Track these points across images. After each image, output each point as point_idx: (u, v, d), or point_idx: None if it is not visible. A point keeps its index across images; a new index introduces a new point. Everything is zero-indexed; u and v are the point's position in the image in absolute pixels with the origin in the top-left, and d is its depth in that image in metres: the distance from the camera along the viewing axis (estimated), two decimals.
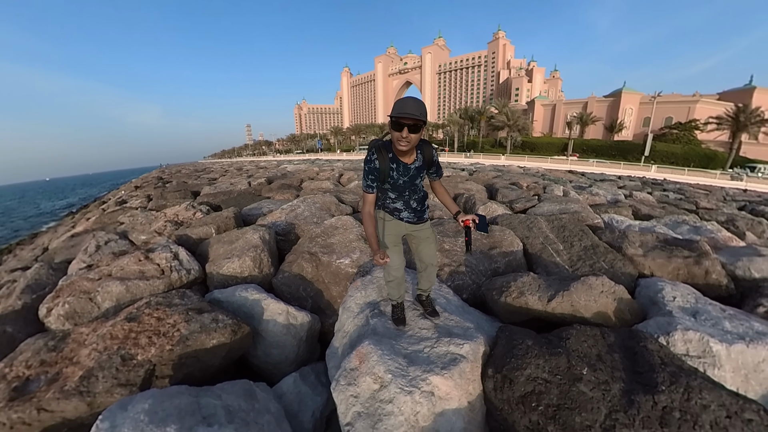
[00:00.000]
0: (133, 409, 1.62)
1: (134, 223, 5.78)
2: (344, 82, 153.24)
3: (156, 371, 2.02)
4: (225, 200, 6.86)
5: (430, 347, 1.70)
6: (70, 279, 3.00)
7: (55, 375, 1.97)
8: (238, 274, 3.11)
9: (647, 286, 2.39)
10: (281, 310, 2.51)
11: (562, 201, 5.78)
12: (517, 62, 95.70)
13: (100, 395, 1.85)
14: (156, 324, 2.18)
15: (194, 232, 4.28)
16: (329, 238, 3.50)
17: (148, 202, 8.24)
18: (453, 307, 2.16)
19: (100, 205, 13.20)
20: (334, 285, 3.00)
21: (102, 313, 2.79)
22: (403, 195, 1.74)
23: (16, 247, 14.88)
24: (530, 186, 8.73)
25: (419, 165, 1.70)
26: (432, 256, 1.90)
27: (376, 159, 1.61)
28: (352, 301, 2.27)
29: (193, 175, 20.23)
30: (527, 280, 2.20)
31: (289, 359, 2.55)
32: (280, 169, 18.96)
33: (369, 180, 1.65)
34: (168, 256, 3.22)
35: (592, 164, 29.15)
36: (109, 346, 2.04)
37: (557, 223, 3.95)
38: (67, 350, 2.14)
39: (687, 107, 48.50)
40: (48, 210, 40.59)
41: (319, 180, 9.62)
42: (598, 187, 9.69)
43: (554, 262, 3.17)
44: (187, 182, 13.67)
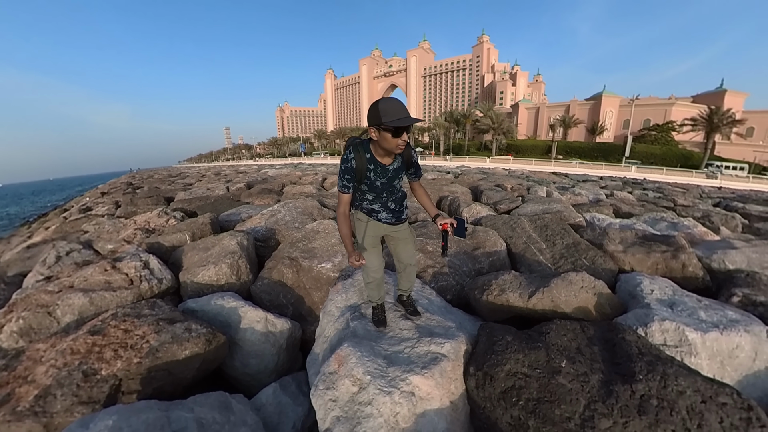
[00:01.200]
0: (95, 428, 1.50)
1: (100, 231, 5.43)
2: (328, 84, 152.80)
3: (122, 386, 1.88)
4: (201, 206, 6.60)
5: (410, 347, 1.69)
6: (26, 292, 2.77)
7: (6, 396, 1.79)
8: (214, 282, 2.97)
9: (627, 280, 2.49)
10: (259, 317, 2.42)
11: (546, 201, 5.98)
12: (502, 66, 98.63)
13: (58, 415, 1.70)
14: (123, 336, 2.04)
15: (167, 239, 4.07)
16: (310, 243, 3.43)
17: (116, 209, 7.78)
18: (435, 307, 2.17)
19: (62, 213, 12.34)
20: (316, 290, 2.93)
21: (62, 328, 2.57)
22: (380, 196, 1.72)
23: None
24: (514, 187, 8.96)
25: (398, 166, 1.68)
26: (410, 256, 1.89)
27: (353, 158, 1.57)
28: (333, 305, 2.22)
29: (166, 180, 19.35)
30: (508, 278, 2.24)
31: (268, 369, 2.46)
32: (261, 173, 18.52)
33: (345, 180, 1.61)
34: (137, 265, 3.04)
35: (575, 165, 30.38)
36: (70, 361, 1.89)
37: (540, 222, 4.07)
38: (20, 368, 1.96)
39: (664, 110, 51.13)
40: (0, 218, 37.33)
41: (302, 184, 9.46)
42: (580, 188, 10.05)
43: (537, 261, 3.26)
44: (159, 188, 13.05)
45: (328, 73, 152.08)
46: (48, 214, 21.70)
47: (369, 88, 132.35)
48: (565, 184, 12.41)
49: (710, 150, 36.32)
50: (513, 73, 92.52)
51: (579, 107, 58.89)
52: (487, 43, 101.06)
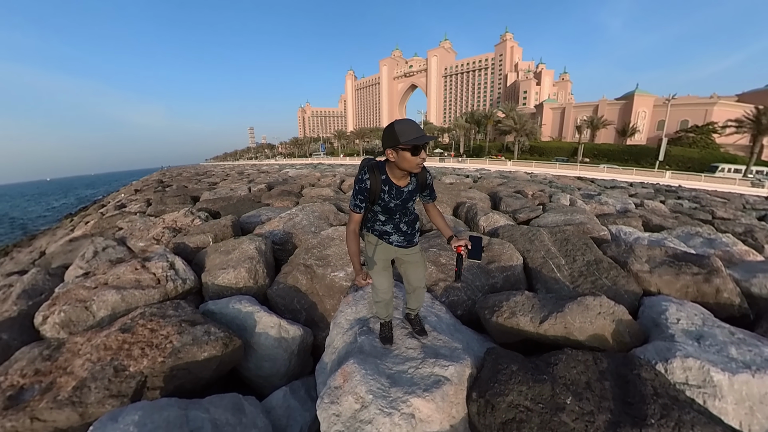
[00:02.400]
0: (123, 421, 1.64)
1: (132, 229, 5.80)
2: (348, 86, 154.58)
3: (147, 383, 2.03)
4: (224, 206, 6.90)
5: (414, 368, 1.70)
6: (67, 287, 3.01)
7: (49, 384, 1.98)
8: (233, 285, 3.12)
9: (651, 305, 2.33)
10: (273, 323, 2.52)
11: (568, 211, 5.72)
12: (525, 65, 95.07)
13: (92, 406, 1.86)
14: (149, 335, 2.20)
15: (191, 240, 4.30)
16: (325, 250, 3.52)
17: (147, 207, 8.28)
18: (444, 325, 2.17)
19: (100, 209, 13.27)
20: (328, 298, 3.01)
21: (97, 322, 2.79)
22: (393, 218, 1.72)
23: (13, 249, 14.90)
24: (535, 194, 8.61)
25: (412, 188, 1.68)
26: (420, 279, 1.90)
27: (367, 179, 1.58)
28: (343, 317, 2.28)
29: (193, 178, 20.33)
30: (520, 299, 2.18)
31: (280, 372, 2.55)
32: (282, 173, 19.05)
33: (358, 200, 1.63)
34: (164, 266, 3.24)
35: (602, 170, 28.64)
36: (103, 356, 2.05)
37: (561, 235, 3.93)
38: (61, 360, 2.15)
39: (704, 110, 47.56)
40: (47, 211, 40.73)
41: (320, 186, 9.65)
42: (607, 195, 9.45)
43: (554, 278, 3.14)
44: (187, 186, 13.74)
45: (349, 74, 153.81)
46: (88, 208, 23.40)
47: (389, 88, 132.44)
48: (591, 190, 11.77)
49: (757, 154, 33.26)
50: (537, 71, 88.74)
51: (608, 107, 55.91)
52: (510, 41, 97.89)
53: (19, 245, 15.93)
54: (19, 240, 19.64)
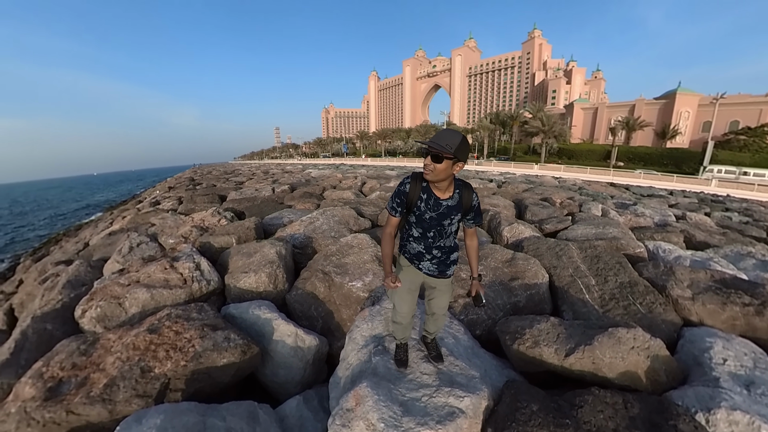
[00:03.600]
0: (146, 423, 1.71)
1: (164, 226, 6.13)
2: (372, 86, 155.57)
3: (170, 385, 2.11)
4: (249, 207, 7.14)
5: (428, 396, 1.64)
6: (104, 282, 3.22)
7: (84, 379, 2.12)
8: (253, 288, 3.20)
9: (692, 339, 2.13)
10: (290, 332, 2.55)
11: (600, 223, 5.35)
12: (555, 62, 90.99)
13: (119, 404, 1.96)
14: (174, 338, 2.29)
15: (217, 240, 4.48)
16: (344, 257, 3.53)
17: (178, 205, 8.75)
18: (461, 348, 2.09)
19: (137, 204, 14.19)
20: (345, 308, 3.01)
21: (128, 318, 2.97)
22: (427, 235, 1.63)
23: (63, 238, 16.30)
24: (564, 203, 8.14)
25: (453, 204, 1.59)
26: (443, 307, 1.83)
27: (408, 183, 1.58)
28: (359, 332, 2.26)
29: (222, 177, 21.28)
30: (545, 327, 2.05)
31: (295, 380, 2.58)
32: (305, 174, 19.49)
33: (395, 202, 1.62)
34: (191, 266, 3.39)
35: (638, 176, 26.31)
36: (131, 356, 2.17)
37: (591, 252, 3.71)
38: (95, 356, 2.29)
39: (758, 109, 43.07)
40: (93, 203, 44.69)
41: (341, 189, 9.76)
42: (644, 205, 8.68)
43: (582, 300, 2.94)
44: (215, 185, 14.39)
45: (372, 75, 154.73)
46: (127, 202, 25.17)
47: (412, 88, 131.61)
48: (626, 199, 10.93)
49: None
50: (568, 69, 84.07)
51: (646, 107, 51.73)
52: (539, 38, 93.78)
53: (68, 234, 17.41)
54: (68, 229, 21.50)
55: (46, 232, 24.37)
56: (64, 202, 54.52)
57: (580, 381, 1.77)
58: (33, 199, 72.13)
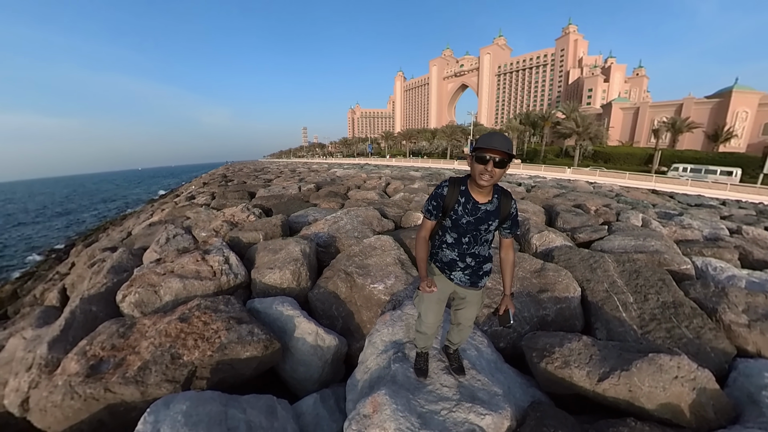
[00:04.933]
0: (173, 408, 1.79)
1: (197, 219, 6.49)
2: (398, 87, 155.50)
3: (197, 373, 2.21)
4: (276, 204, 7.37)
5: (448, 410, 1.58)
6: (142, 271, 3.44)
7: (121, 360, 2.27)
8: (278, 285, 3.28)
9: (748, 373, 1.91)
10: (311, 330, 2.58)
11: (640, 234, 4.95)
12: (591, 59, 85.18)
13: (151, 386, 2.08)
14: (202, 328, 2.40)
15: (245, 236, 4.65)
16: (366, 259, 3.53)
17: (211, 200, 9.23)
18: (484, 362, 2.00)
19: (174, 198, 15.13)
20: (366, 309, 3.01)
21: (162, 305, 3.15)
22: (461, 241, 1.58)
23: (109, 226, 17.76)
24: (599, 210, 7.60)
25: (491, 210, 1.54)
26: (470, 319, 1.76)
27: (446, 186, 1.56)
28: (378, 337, 2.24)
29: (252, 174, 22.19)
30: (576, 346, 1.90)
31: (313, 378, 2.61)
32: (330, 173, 19.85)
33: (431, 205, 1.59)
34: (220, 260, 3.54)
35: (685, 183, 23.71)
36: (163, 342, 2.29)
37: (630, 266, 3.45)
38: (132, 339, 2.45)
39: None
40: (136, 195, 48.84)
41: (366, 189, 9.83)
42: (691, 216, 7.86)
43: (619, 319, 2.73)
44: (246, 182, 15.03)
45: (398, 75, 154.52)
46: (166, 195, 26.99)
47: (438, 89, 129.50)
48: (670, 209, 9.87)
49: None
50: (606, 66, 78.12)
51: (696, 107, 46.91)
52: (574, 33, 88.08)
53: (114, 223, 18.98)
54: (114, 218, 23.45)
55: (97, 220, 26.87)
56: (113, 193, 60.29)
57: (614, 409, 1.62)
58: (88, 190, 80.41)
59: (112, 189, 76.11)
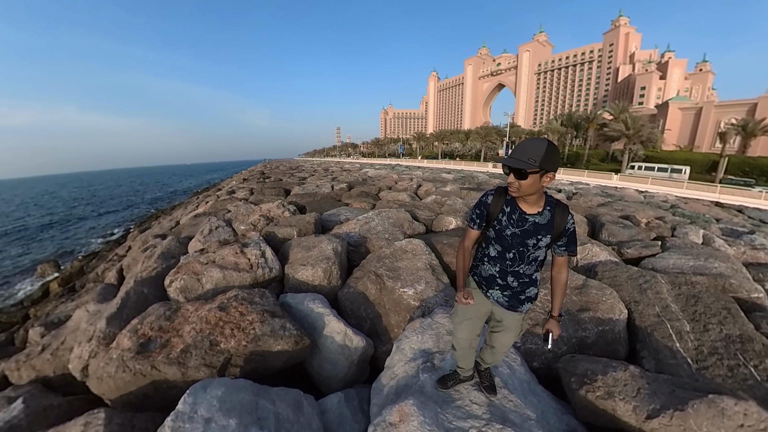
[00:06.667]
0: (210, 392, 1.89)
1: (237, 213, 6.87)
2: (431, 87, 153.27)
3: (232, 360, 2.32)
4: (309, 202, 7.60)
5: (476, 429, 1.50)
6: (188, 259, 3.70)
7: (166, 342, 2.44)
8: (309, 281, 3.37)
9: None
10: (340, 329, 2.60)
11: (700, 254, 4.40)
12: (645, 54, 75.49)
13: (191, 369, 2.22)
14: (239, 318, 2.52)
15: (280, 231, 4.84)
16: (397, 262, 3.51)
17: (250, 195, 9.74)
18: (516, 381, 1.88)
19: (216, 191, 16.20)
20: (394, 313, 2.98)
21: (204, 292, 3.36)
22: (505, 256, 1.45)
23: (161, 215, 19.46)
24: (651, 223, 6.89)
25: (542, 223, 1.39)
26: (505, 345, 1.64)
27: (491, 195, 1.48)
28: (407, 344, 2.20)
29: (287, 172, 23.15)
30: (622, 376, 1.71)
31: (338, 377, 2.64)
32: (362, 173, 20.13)
33: (475, 213, 1.52)
34: (257, 254, 3.71)
35: (759, 195, 20.12)
36: (203, 329, 2.44)
37: (687, 289, 3.09)
38: (176, 322, 2.63)
39: None
40: (186, 187, 53.56)
41: (397, 191, 9.82)
42: (765, 235, 6.94)
43: (671, 349, 2.44)
44: (282, 179, 15.71)
45: (432, 75, 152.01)
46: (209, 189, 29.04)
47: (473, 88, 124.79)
48: (737, 225, 8.56)
49: None
50: (662, 62, 68.67)
51: None
52: (625, 26, 78.71)
53: (165, 212, 20.78)
54: (166, 208, 25.68)
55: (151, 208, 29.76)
56: (167, 185, 66.69)
57: None
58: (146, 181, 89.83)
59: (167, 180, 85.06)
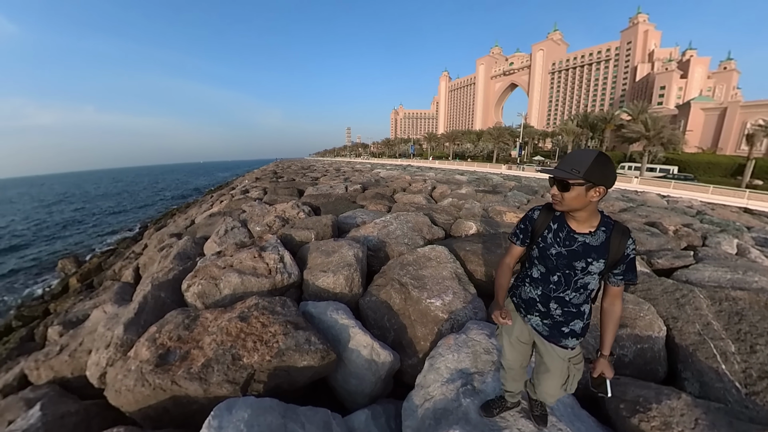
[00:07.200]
0: (236, 414, 1.75)
1: (252, 213, 6.80)
2: (442, 87, 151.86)
3: (255, 376, 2.18)
4: (324, 203, 7.48)
5: None
6: (205, 263, 3.61)
7: (186, 353, 2.32)
8: (330, 289, 3.22)
9: None
10: (367, 343, 2.44)
11: (738, 266, 4.04)
12: (665, 52, 72.30)
13: (213, 385, 2.09)
14: (261, 329, 2.38)
15: (297, 234, 4.71)
16: (421, 270, 3.33)
17: (264, 195, 9.70)
18: (561, 406, 1.69)
19: (230, 190, 16.31)
20: (420, 325, 2.80)
21: (222, 297, 3.25)
22: (549, 279, 1.31)
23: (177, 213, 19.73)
24: (680, 231, 6.48)
25: (593, 244, 1.22)
26: (549, 392, 1.45)
27: (539, 210, 1.38)
28: (443, 362, 2.02)
29: (299, 172, 23.19)
30: (677, 405, 1.51)
31: (364, 392, 2.48)
32: (374, 173, 19.97)
33: (518, 228, 1.43)
34: (275, 258, 3.58)
35: None
36: (225, 341, 2.31)
37: (729, 306, 2.83)
38: (195, 332, 2.51)
39: None
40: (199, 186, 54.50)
41: (411, 192, 9.63)
42: None
43: (716, 371, 2.23)
44: (294, 179, 15.69)
45: (443, 75, 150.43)
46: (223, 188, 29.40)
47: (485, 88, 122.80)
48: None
49: None
50: (683, 60, 65.65)
51: None
52: (644, 23, 75.28)
53: (180, 210, 21.09)
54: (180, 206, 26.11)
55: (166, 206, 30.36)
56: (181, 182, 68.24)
57: None
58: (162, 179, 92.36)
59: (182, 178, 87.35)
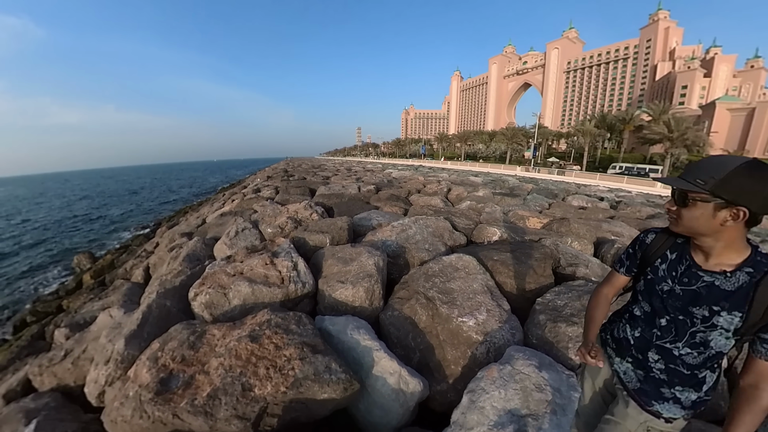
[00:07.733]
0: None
1: (264, 214, 6.56)
2: (454, 87, 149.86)
3: (268, 410, 1.89)
4: (337, 204, 7.20)
5: None
6: (214, 269, 3.35)
7: (190, 378, 2.05)
8: (349, 302, 2.92)
9: None
10: (394, 370, 2.13)
11: None
12: (687, 50, 68.92)
13: (220, 421, 1.80)
14: (274, 353, 2.09)
15: (311, 238, 4.43)
16: (449, 282, 2.99)
17: (275, 194, 9.49)
18: None
19: (242, 189, 16.24)
20: (451, 347, 2.47)
21: (231, 308, 2.99)
22: (654, 321, 1.02)
23: (189, 210, 19.86)
24: None
25: (726, 288, 0.88)
26: None
27: (654, 233, 1.11)
28: (487, 400, 1.69)
29: (310, 171, 23.04)
30: None
31: (390, 425, 2.17)
32: (385, 174, 19.64)
33: (625, 254, 1.21)
34: (289, 265, 3.30)
35: None
36: (234, 366, 2.02)
37: None
38: (201, 352, 2.24)
39: None
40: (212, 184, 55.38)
41: (427, 194, 9.26)
42: None
43: None
44: (306, 178, 15.49)
45: (455, 75, 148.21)
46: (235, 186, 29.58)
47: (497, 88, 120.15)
48: None
49: None
50: (707, 58, 62.39)
51: None
52: (664, 20, 71.82)
53: (192, 208, 21.25)
54: (193, 204, 26.38)
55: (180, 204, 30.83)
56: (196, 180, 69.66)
57: None
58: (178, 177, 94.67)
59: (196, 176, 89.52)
